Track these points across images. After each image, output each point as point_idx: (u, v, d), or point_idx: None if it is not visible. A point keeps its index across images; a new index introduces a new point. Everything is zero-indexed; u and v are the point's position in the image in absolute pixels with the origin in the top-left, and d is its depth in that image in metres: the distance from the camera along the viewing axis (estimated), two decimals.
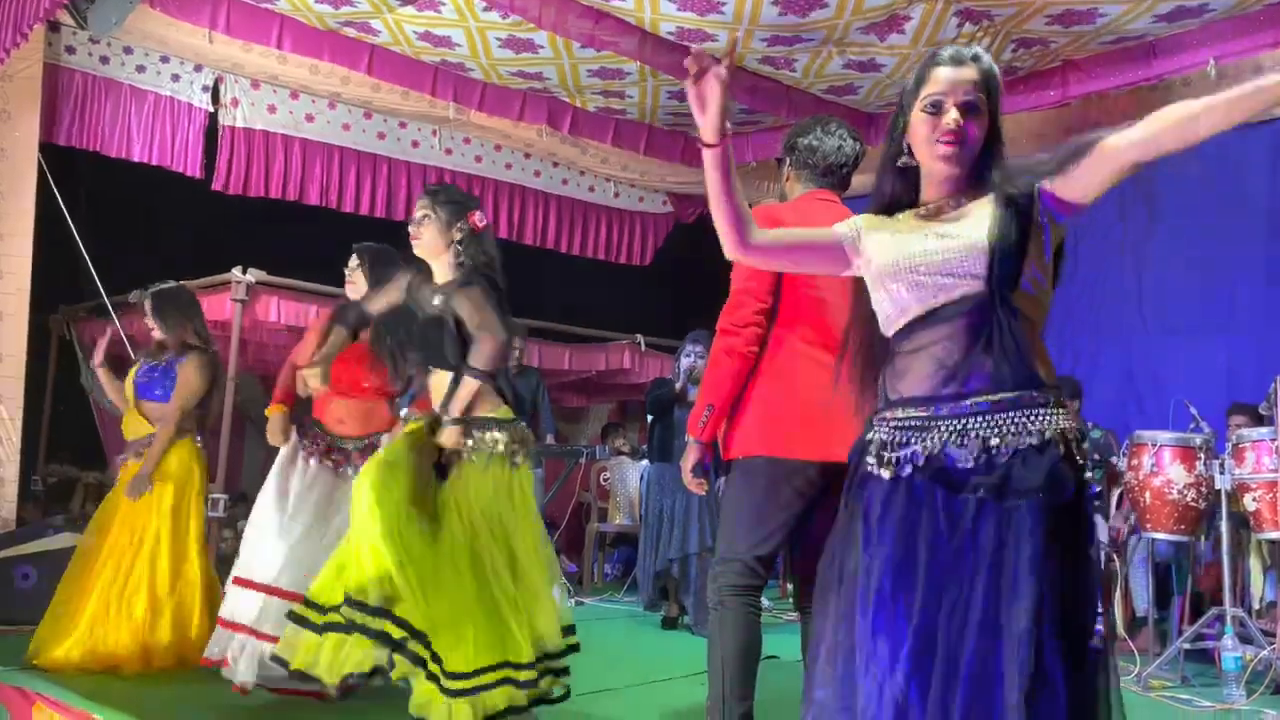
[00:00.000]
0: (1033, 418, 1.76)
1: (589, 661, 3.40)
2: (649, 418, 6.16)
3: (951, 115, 1.83)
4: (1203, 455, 4.65)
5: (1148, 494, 4.73)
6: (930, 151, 1.86)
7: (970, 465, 1.75)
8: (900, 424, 1.84)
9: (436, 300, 3.22)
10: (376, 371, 3.82)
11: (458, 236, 3.25)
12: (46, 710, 3.55)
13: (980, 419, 1.76)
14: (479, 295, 3.18)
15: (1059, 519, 1.72)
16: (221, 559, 5.13)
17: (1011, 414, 1.76)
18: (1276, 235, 6.02)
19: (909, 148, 1.91)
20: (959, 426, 1.77)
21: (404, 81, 6.47)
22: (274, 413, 4.01)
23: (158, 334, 4.45)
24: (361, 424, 4.01)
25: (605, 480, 7.81)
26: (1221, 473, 4.50)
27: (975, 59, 1.87)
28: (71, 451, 7.82)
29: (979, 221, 1.81)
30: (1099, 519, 5.33)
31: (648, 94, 6.85)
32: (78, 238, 5.63)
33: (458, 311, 3.17)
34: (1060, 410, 1.79)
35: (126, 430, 4.47)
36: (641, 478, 7.67)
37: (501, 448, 3.17)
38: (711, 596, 2.89)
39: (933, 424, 1.79)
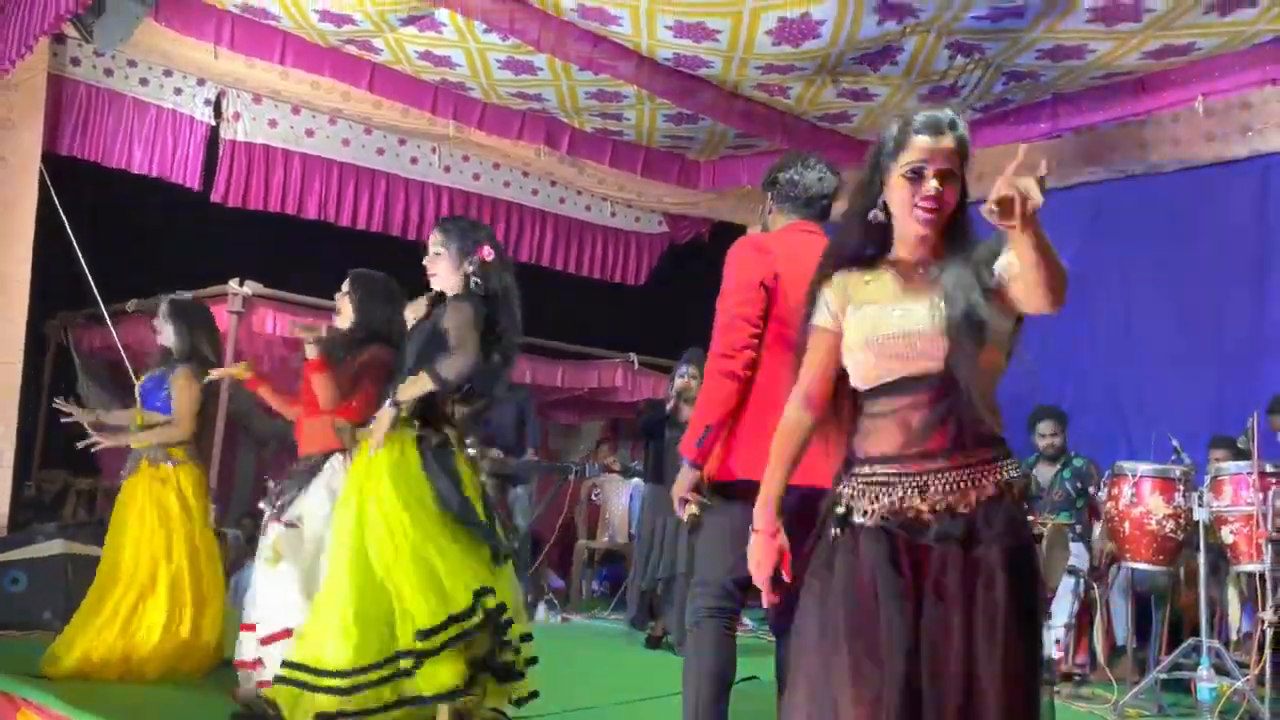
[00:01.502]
0: (988, 471, 1.93)
1: (569, 678, 3.44)
2: (644, 438, 6.22)
3: (932, 184, 1.93)
4: (1181, 487, 4.69)
5: (1127, 524, 4.77)
6: (909, 215, 1.96)
7: (932, 517, 1.91)
8: (868, 480, 1.97)
9: (437, 311, 3.31)
10: (318, 387, 3.73)
11: (469, 269, 3.34)
12: (32, 716, 3.58)
13: (940, 475, 1.92)
14: (469, 312, 3.25)
15: (1019, 559, 1.89)
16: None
17: (967, 470, 1.92)
18: (1263, 268, 6.07)
19: (884, 204, 2.00)
20: (920, 483, 1.92)
21: (404, 99, 6.54)
22: None
23: (164, 340, 4.45)
24: (318, 443, 3.87)
25: (595, 496, 7.85)
26: (1199, 505, 4.55)
27: (952, 126, 1.96)
28: (65, 458, 7.83)
29: (940, 301, 1.92)
30: (1078, 547, 5.37)
31: (645, 116, 6.92)
32: (77, 247, 5.68)
33: (445, 322, 3.25)
34: (1010, 459, 1.97)
35: (134, 440, 4.42)
36: (631, 496, 7.73)
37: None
38: (688, 617, 2.94)
39: (897, 480, 1.94)
